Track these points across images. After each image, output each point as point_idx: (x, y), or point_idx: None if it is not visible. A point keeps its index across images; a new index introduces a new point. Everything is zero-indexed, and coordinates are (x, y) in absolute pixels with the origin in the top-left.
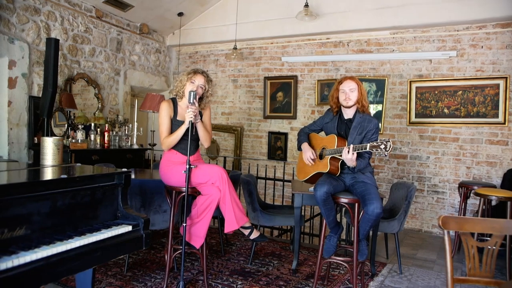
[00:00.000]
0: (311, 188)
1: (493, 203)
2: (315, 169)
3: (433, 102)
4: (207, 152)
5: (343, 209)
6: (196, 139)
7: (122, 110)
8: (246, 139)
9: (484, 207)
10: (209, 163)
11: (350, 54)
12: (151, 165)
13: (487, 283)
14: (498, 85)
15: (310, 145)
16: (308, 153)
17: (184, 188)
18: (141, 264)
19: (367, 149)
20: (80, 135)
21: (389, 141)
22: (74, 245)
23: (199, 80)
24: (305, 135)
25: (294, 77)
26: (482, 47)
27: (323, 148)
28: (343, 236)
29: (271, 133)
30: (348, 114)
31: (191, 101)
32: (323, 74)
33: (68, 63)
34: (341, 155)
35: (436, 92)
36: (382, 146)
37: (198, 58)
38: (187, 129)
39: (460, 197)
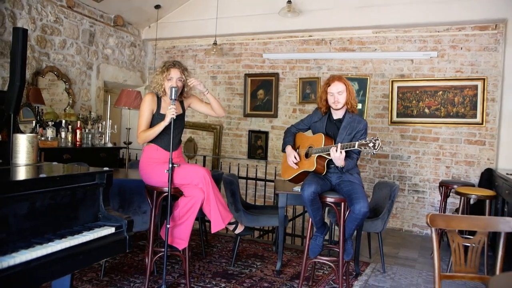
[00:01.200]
0: (296, 188)
1: (472, 201)
2: (301, 167)
3: (414, 102)
4: (184, 151)
5: (327, 208)
6: (179, 133)
7: (95, 106)
8: (226, 137)
9: (463, 205)
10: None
11: (333, 52)
12: (126, 164)
13: (472, 278)
14: (476, 86)
15: (296, 144)
16: (291, 157)
17: (166, 188)
18: (118, 268)
19: (356, 147)
20: (50, 132)
21: (377, 140)
22: (55, 248)
23: (175, 74)
24: (291, 135)
25: (276, 75)
26: (461, 48)
27: (310, 147)
28: (326, 236)
29: (251, 132)
30: (337, 114)
31: (173, 97)
32: (305, 72)
33: (37, 55)
34: (328, 154)
35: (417, 92)
36: (371, 144)
37: (176, 53)
38: (169, 124)
39: (441, 196)
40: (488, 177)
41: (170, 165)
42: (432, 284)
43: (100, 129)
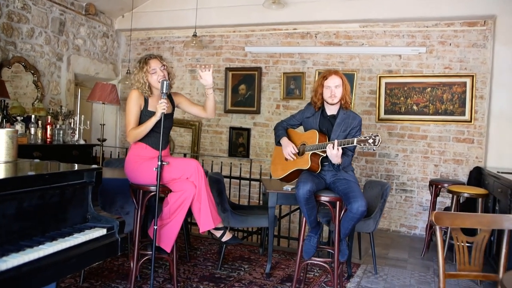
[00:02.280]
0: (286, 187)
1: (461, 200)
2: (295, 165)
3: (402, 98)
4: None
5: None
6: (167, 132)
7: (65, 100)
8: (205, 134)
9: (455, 204)
10: None
11: (318, 47)
12: (101, 163)
13: (476, 277)
14: (465, 83)
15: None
16: (289, 148)
17: (153, 187)
18: (98, 273)
19: (354, 144)
20: (19, 128)
21: (377, 136)
22: (47, 251)
23: (156, 64)
24: (283, 130)
25: (258, 69)
26: (450, 44)
27: (303, 144)
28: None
29: (232, 129)
30: (331, 110)
31: (164, 91)
32: (289, 66)
33: (2, 44)
34: (323, 151)
35: (406, 89)
36: (370, 141)
37: (151, 45)
38: (157, 121)
39: (431, 195)
40: (477, 176)
41: (159, 163)
42: (427, 285)
43: (72, 125)
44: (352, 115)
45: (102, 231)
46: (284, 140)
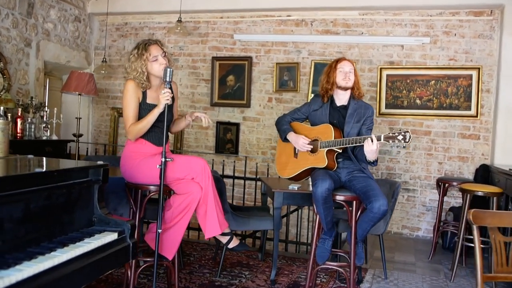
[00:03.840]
0: (292, 186)
1: (469, 198)
2: (308, 164)
3: (404, 91)
4: None
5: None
6: (168, 125)
7: (34, 91)
8: (189, 130)
9: (469, 203)
10: None
11: (314, 35)
12: (76, 160)
13: None
14: (471, 76)
15: None
16: (300, 140)
17: (153, 187)
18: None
19: (382, 141)
20: None
21: (407, 131)
22: (62, 259)
23: (157, 50)
24: (287, 124)
25: (248, 59)
26: (455, 34)
27: (315, 140)
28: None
29: (219, 124)
30: (341, 100)
31: (168, 79)
32: (283, 56)
33: None
34: (340, 148)
35: (408, 81)
36: (400, 137)
37: (128, 31)
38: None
39: (439, 194)
40: (483, 174)
41: (163, 159)
42: None
43: (44, 119)
44: (364, 104)
45: (113, 236)
46: (292, 135)
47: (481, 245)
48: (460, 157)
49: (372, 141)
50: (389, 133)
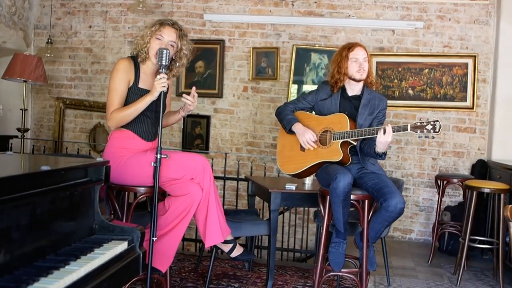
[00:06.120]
0: (289, 186)
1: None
2: (319, 157)
3: (396, 81)
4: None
5: (313, 211)
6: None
7: None
8: None
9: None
10: None
11: (296, 17)
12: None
13: None
14: (466, 65)
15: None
16: (307, 134)
17: (142, 189)
18: None
19: (408, 130)
20: None
21: (438, 121)
22: (80, 274)
23: (168, 35)
24: (292, 114)
25: (220, 42)
26: (450, 19)
27: (326, 131)
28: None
29: (187, 116)
30: (354, 89)
31: (163, 62)
32: (260, 40)
33: None
34: (355, 140)
35: (400, 70)
36: (429, 127)
37: (76, 8)
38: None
39: (438, 192)
40: (481, 170)
41: (159, 156)
42: None
43: None
44: (378, 96)
45: (123, 245)
46: (299, 126)
47: (482, 246)
48: (455, 152)
49: (384, 132)
50: (416, 122)
